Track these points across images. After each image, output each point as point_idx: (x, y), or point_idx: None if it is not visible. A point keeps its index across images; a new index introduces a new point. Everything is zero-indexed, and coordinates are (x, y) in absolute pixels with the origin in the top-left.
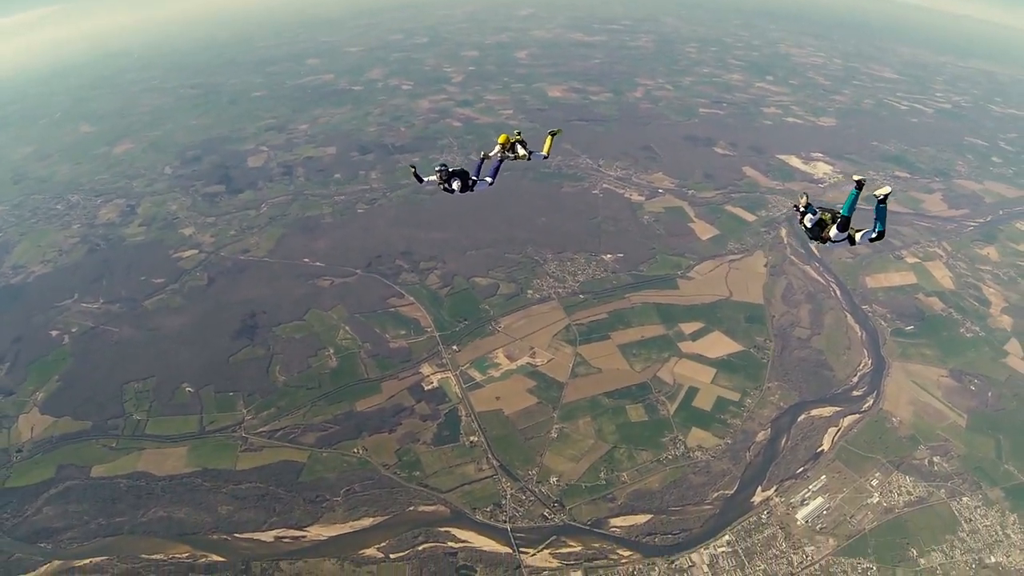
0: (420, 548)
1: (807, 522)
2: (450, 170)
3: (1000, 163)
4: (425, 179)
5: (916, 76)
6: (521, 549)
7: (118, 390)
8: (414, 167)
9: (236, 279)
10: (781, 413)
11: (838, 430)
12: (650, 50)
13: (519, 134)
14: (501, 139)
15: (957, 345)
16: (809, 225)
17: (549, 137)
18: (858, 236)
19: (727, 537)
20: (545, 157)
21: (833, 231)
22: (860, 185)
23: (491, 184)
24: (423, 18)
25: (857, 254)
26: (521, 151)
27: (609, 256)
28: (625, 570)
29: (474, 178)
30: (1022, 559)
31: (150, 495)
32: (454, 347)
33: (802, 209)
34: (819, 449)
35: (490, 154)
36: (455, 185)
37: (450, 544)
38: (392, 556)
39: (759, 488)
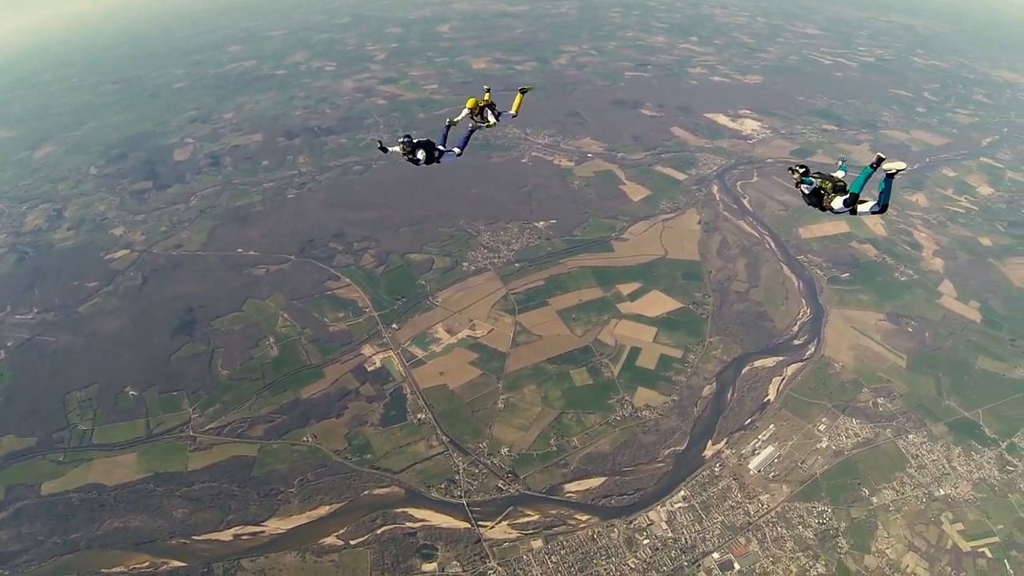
0: (379, 532)
1: (759, 471)
2: (415, 141)
3: (925, 112)
4: (390, 149)
5: (839, 32)
6: (479, 523)
7: (60, 401)
8: (380, 141)
9: (171, 275)
10: (725, 367)
11: (782, 379)
12: (573, 17)
13: (488, 92)
14: (469, 103)
15: (892, 289)
16: (806, 191)
17: (519, 94)
18: (861, 207)
19: (682, 493)
20: (514, 116)
21: (837, 203)
22: (880, 162)
23: (459, 155)
24: None
25: (789, 206)
26: (491, 118)
27: (542, 223)
28: (585, 534)
29: (441, 148)
30: (969, 489)
31: (103, 507)
32: (394, 325)
33: (797, 177)
34: (765, 399)
35: (456, 120)
36: (420, 156)
37: (408, 525)
38: (352, 542)
39: (709, 442)
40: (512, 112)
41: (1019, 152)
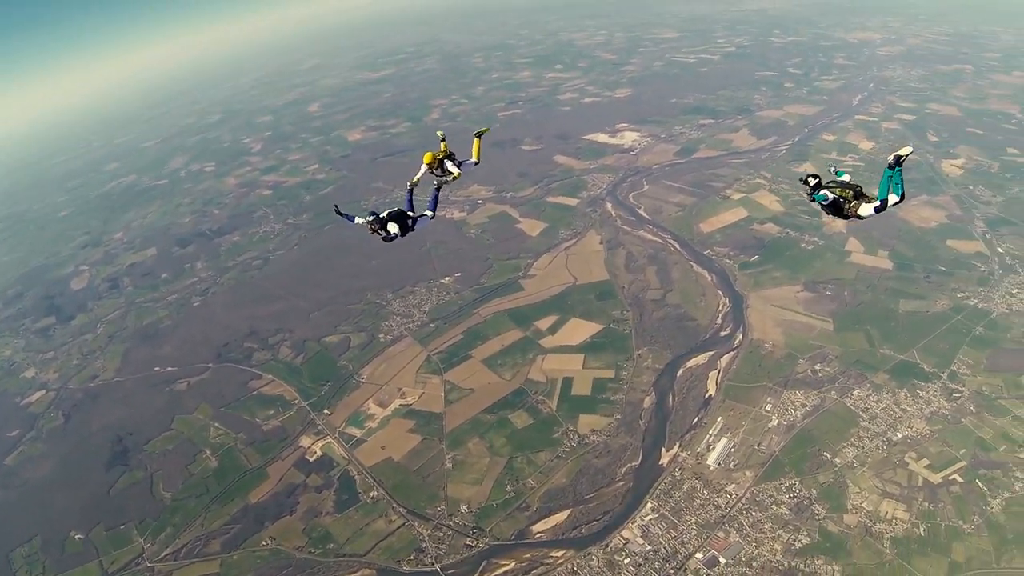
0: None
1: (719, 464)
2: (382, 216)
3: (793, 87)
4: (356, 220)
5: (697, 30)
6: None
7: (6, 561)
8: (336, 206)
9: (93, 408)
10: (659, 374)
11: (718, 372)
12: (437, 70)
13: (444, 142)
14: (426, 158)
15: (802, 260)
16: (824, 204)
17: (476, 140)
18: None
19: (650, 504)
20: (476, 163)
21: (866, 210)
22: (897, 160)
23: (432, 218)
24: (212, 95)
25: (685, 206)
26: (453, 169)
27: (448, 279)
28: (565, 569)
29: (411, 214)
30: (924, 426)
31: None
32: (325, 411)
33: (808, 189)
34: (707, 395)
35: (416, 179)
36: (393, 230)
37: None
38: None
39: (663, 449)
40: (474, 160)
41: (888, 103)
